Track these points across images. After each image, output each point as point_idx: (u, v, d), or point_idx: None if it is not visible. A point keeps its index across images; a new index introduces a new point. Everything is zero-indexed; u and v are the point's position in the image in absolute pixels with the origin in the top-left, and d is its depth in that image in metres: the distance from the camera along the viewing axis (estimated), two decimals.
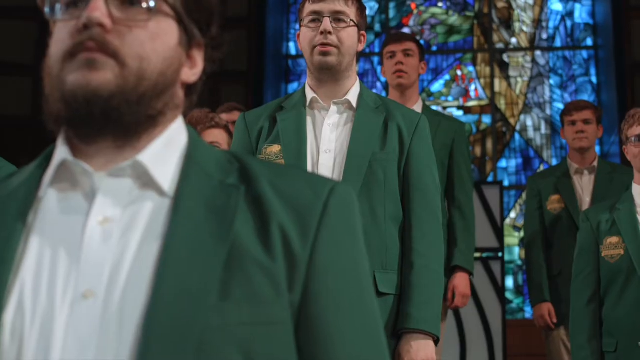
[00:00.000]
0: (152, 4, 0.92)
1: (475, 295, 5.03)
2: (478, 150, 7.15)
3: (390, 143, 2.19)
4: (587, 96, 7.08)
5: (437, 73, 7.28)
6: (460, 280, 3.27)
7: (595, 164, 3.78)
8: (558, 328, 3.67)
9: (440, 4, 7.44)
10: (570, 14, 7.29)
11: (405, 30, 7.33)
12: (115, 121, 0.90)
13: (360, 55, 7.22)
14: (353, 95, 2.24)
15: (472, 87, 7.24)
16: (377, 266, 2.11)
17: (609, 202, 2.93)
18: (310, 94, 2.25)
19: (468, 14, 7.39)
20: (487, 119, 7.16)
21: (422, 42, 7.33)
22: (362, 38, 2.27)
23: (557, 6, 7.31)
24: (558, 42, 7.25)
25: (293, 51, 7.34)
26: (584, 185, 3.74)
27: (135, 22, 0.91)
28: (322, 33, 2.17)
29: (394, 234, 2.15)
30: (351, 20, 2.20)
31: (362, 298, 0.96)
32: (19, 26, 6.31)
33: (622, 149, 2.92)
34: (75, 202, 0.91)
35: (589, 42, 7.22)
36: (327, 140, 2.19)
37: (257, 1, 6.94)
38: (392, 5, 7.43)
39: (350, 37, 2.21)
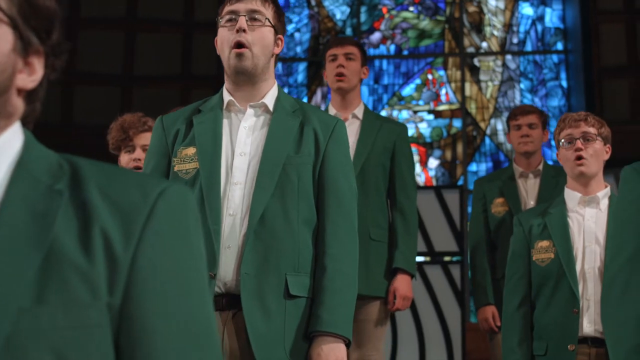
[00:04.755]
0: None
1: (435, 299, 5.04)
2: (448, 154, 7.16)
3: (305, 146, 2.19)
4: (557, 100, 7.10)
5: (408, 77, 7.30)
6: (401, 283, 3.25)
7: (540, 167, 3.79)
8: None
9: (411, 8, 7.46)
10: (540, 18, 7.31)
11: (377, 34, 7.35)
12: None
13: None
14: (270, 99, 2.24)
15: (443, 91, 7.25)
16: (289, 269, 2.11)
17: (542, 206, 2.93)
18: (227, 97, 2.26)
19: (439, 18, 7.41)
20: (457, 123, 7.18)
21: (393, 46, 7.39)
22: (280, 42, 2.27)
23: (527, 10, 7.34)
24: (529, 46, 7.27)
25: None
26: (529, 189, 3.75)
27: None
28: (237, 31, 2.17)
29: (306, 237, 2.15)
30: (267, 19, 2.20)
31: (189, 301, 0.95)
32: None
33: (556, 153, 2.92)
34: None
35: (560, 46, 7.24)
36: (243, 144, 2.19)
37: None
38: (363, 9, 7.45)
39: (264, 37, 2.20)
